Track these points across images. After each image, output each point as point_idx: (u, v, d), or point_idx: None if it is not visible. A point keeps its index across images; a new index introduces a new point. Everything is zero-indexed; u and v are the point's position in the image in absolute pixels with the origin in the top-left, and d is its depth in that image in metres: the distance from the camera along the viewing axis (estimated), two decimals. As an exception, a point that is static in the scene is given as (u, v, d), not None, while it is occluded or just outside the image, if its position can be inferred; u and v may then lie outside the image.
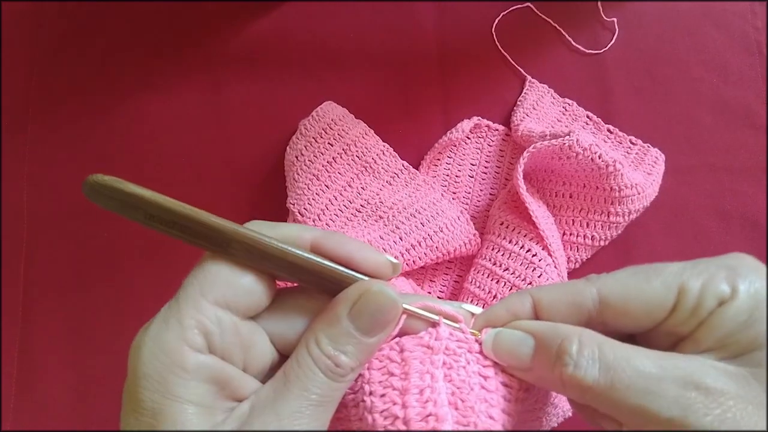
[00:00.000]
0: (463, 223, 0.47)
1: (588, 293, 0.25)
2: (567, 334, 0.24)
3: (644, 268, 0.25)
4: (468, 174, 0.51)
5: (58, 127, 0.54)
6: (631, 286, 0.24)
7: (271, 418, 0.22)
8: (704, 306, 0.23)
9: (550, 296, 0.26)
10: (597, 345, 0.23)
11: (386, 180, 0.49)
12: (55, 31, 0.56)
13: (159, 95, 0.54)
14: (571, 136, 0.43)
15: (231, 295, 0.24)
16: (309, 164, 0.48)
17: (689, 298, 0.24)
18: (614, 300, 0.24)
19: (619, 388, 0.22)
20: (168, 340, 0.22)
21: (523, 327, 0.26)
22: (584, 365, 0.23)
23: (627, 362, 0.22)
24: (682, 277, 0.24)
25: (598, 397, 0.23)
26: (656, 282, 0.24)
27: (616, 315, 0.25)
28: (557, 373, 0.23)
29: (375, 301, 0.24)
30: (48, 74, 0.55)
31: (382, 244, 0.44)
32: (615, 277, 0.25)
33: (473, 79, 0.53)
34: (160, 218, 0.24)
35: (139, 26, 0.55)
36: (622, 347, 0.23)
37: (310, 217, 0.47)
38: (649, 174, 0.48)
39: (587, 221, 0.46)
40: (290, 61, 0.54)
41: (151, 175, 0.52)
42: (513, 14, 0.54)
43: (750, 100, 0.52)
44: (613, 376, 0.22)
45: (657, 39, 0.54)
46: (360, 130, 0.49)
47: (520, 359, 0.25)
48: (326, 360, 0.24)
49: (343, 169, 0.48)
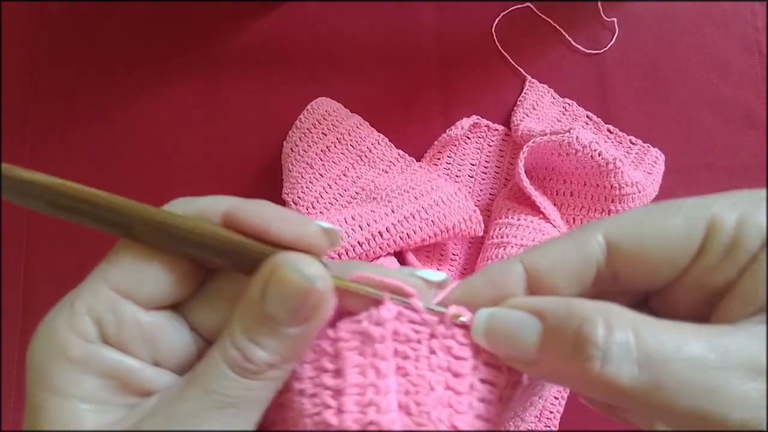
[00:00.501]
0: (462, 198, 0.46)
1: (595, 241, 0.19)
2: (587, 314, 0.17)
3: (660, 203, 0.20)
4: (468, 174, 0.51)
5: (58, 127, 0.54)
6: (646, 223, 0.19)
7: (161, 421, 0.19)
8: (745, 245, 0.18)
9: (549, 258, 0.20)
10: (631, 327, 0.17)
11: (382, 169, 0.48)
12: (55, 31, 0.56)
13: (159, 95, 0.54)
14: (570, 133, 0.43)
15: (132, 282, 0.21)
16: (303, 154, 0.48)
17: (723, 233, 0.18)
18: (627, 244, 0.19)
19: (668, 388, 0.16)
20: (56, 328, 0.20)
21: (524, 304, 0.19)
22: (617, 358, 0.16)
23: (676, 349, 0.16)
24: (712, 209, 0.18)
25: (637, 399, 0.17)
26: (677, 217, 0.19)
27: (628, 264, 0.19)
28: (578, 369, 0.17)
29: (286, 279, 0.19)
30: (48, 74, 0.55)
31: (372, 216, 0.43)
32: (624, 218, 0.20)
33: (473, 79, 0.53)
34: (61, 205, 0.22)
35: (139, 26, 0.55)
36: (664, 326, 0.17)
37: (304, 205, 0.47)
38: (649, 174, 0.48)
39: (588, 219, 0.46)
40: (290, 61, 0.54)
41: (151, 175, 0.52)
42: (513, 14, 0.54)
43: (750, 100, 0.52)
44: (660, 372, 0.16)
45: (657, 39, 0.54)
46: (354, 121, 0.49)
47: (523, 349, 0.19)
48: (235, 353, 0.19)
49: (338, 158, 0.48)
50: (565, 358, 0.18)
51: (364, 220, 0.43)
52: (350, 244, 0.42)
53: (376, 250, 0.43)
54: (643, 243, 0.19)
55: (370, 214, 0.43)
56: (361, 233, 0.42)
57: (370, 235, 0.42)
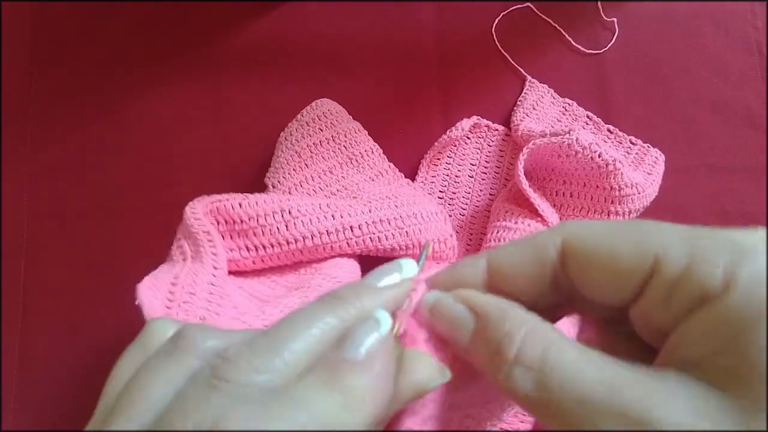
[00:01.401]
0: (440, 220, 0.45)
1: (551, 244, 0.19)
2: (511, 328, 0.18)
3: (627, 222, 0.20)
4: (468, 174, 0.51)
5: (58, 127, 0.54)
6: (602, 238, 0.18)
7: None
8: (682, 294, 0.16)
9: (508, 258, 0.20)
10: (542, 347, 0.18)
11: (369, 176, 0.48)
12: (55, 31, 0.56)
13: (159, 95, 0.54)
14: (570, 135, 0.43)
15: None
16: (294, 143, 0.47)
17: (665, 273, 0.17)
18: (579, 254, 0.19)
19: (552, 409, 0.17)
20: None
21: (466, 299, 0.20)
22: (519, 375, 0.18)
23: (570, 377, 0.17)
24: (663, 241, 0.17)
25: (531, 409, 0.18)
26: (630, 238, 0.18)
27: (579, 271, 0.19)
28: (490, 373, 0.19)
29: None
30: (48, 74, 0.55)
31: (348, 210, 0.41)
32: (587, 226, 0.19)
33: (473, 79, 0.53)
34: None
35: (139, 26, 0.55)
36: (576, 351, 0.17)
37: (282, 190, 0.45)
38: (649, 174, 0.48)
39: (587, 220, 0.46)
40: (290, 61, 0.54)
41: (150, 175, 0.52)
42: (513, 14, 0.54)
43: (750, 100, 0.52)
44: (550, 395, 0.17)
45: (657, 39, 0.54)
46: (352, 126, 0.49)
47: (458, 339, 0.20)
48: None
49: (327, 155, 0.47)
50: (484, 360, 0.19)
51: (339, 211, 0.41)
52: (318, 230, 0.40)
53: (342, 245, 0.41)
54: (592, 258, 0.19)
55: (346, 207, 0.42)
56: (332, 222, 0.40)
57: (341, 227, 0.41)
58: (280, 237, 0.40)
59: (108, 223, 0.51)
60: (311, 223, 0.40)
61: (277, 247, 0.40)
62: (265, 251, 0.40)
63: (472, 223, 0.49)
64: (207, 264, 0.36)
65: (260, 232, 0.39)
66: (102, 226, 0.51)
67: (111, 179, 0.52)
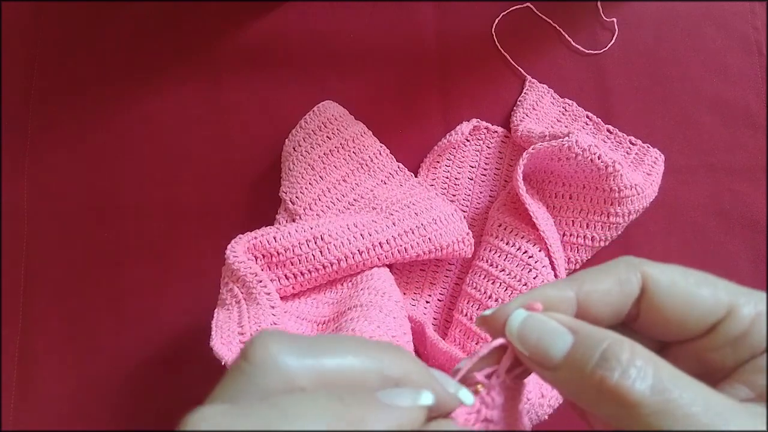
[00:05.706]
0: (457, 220, 0.46)
1: (635, 281, 0.22)
2: (616, 338, 0.20)
3: (699, 274, 0.22)
4: (467, 176, 0.51)
5: (58, 127, 0.54)
6: (680, 284, 0.21)
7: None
8: (750, 341, 0.20)
9: (598, 294, 0.22)
10: (652, 361, 0.19)
11: (381, 179, 0.49)
12: (55, 31, 0.56)
13: (159, 95, 0.54)
14: (570, 137, 0.43)
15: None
16: (305, 154, 0.48)
17: (736, 322, 0.20)
18: (658, 294, 0.21)
19: (671, 417, 0.18)
20: None
21: (561, 320, 0.21)
22: (634, 376, 0.18)
23: (695, 390, 0.18)
24: (735, 296, 0.21)
25: (639, 416, 0.18)
26: (706, 289, 0.21)
27: (653, 308, 0.21)
28: (596, 378, 0.19)
29: None
30: (48, 74, 0.55)
31: (374, 227, 0.43)
32: (663, 270, 0.22)
33: (473, 80, 0.53)
34: None
35: (139, 26, 0.55)
36: (681, 373, 0.19)
37: (301, 206, 0.47)
38: (648, 174, 0.48)
39: (587, 222, 0.46)
40: (290, 61, 0.54)
41: (150, 175, 0.52)
42: (513, 14, 0.54)
43: (750, 100, 0.52)
44: (669, 400, 0.18)
45: (657, 39, 0.54)
46: (358, 129, 0.49)
47: (550, 354, 0.21)
48: None
49: (339, 163, 0.48)
50: (587, 368, 0.19)
51: (366, 229, 0.43)
52: (350, 252, 0.42)
53: (374, 260, 0.43)
54: (668, 300, 0.21)
55: (371, 224, 0.44)
56: (362, 242, 0.43)
57: (370, 245, 0.43)
58: (316, 263, 0.42)
59: (108, 223, 0.51)
60: (343, 246, 0.42)
61: (314, 272, 0.42)
62: (303, 277, 0.42)
63: (472, 225, 0.49)
64: (264, 305, 0.38)
65: (297, 261, 0.42)
66: (102, 226, 0.51)
67: (111, 179, 0.52)
